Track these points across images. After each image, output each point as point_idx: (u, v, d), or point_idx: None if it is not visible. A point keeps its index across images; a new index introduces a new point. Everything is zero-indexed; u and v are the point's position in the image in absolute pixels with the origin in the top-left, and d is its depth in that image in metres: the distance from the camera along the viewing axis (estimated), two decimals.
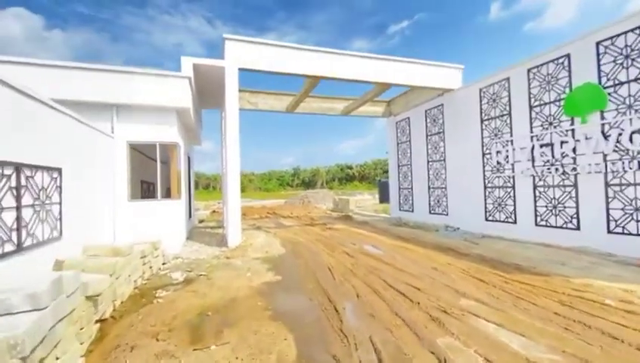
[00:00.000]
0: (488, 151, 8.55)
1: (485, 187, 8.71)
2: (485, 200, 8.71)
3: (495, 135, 8.34)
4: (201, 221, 13.45)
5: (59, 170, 4.04)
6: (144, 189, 9.37)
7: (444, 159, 10.25)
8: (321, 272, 5.32)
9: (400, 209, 12.66)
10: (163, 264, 5.99)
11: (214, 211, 18.17)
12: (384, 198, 20.49)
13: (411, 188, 11.93)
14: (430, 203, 10.97)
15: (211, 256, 6.63)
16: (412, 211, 11.92)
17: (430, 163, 10.87)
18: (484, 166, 8.72)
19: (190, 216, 10.00)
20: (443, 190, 10.32)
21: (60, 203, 4.02)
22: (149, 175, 9.67)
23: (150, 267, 5.37)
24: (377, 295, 4.18)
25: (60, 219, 4.02)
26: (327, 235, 9.04)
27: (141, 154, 7.96)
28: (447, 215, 10.19)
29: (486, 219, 8.68)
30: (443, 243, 7.47)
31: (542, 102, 7.23)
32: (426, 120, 11.05)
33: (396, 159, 12.84)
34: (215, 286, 4.69)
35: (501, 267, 5.40)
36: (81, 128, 4.83)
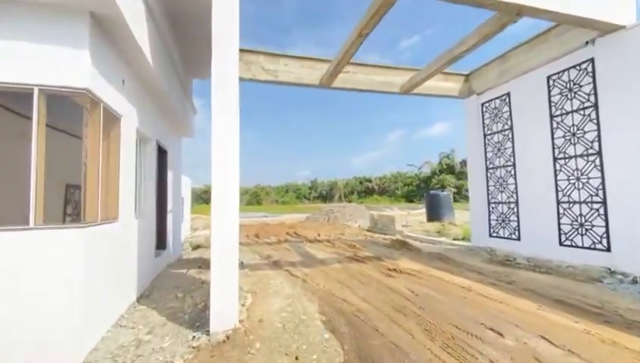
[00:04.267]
0: None
1: None
2: None
3: None
4: (196, 248, 9.50)
5: None
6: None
7: (598, 153, 5.89)
8: None
9: (492, 235, 8.25)
10: None
11: None
12: (435, 214, 16.08)
13: (516, 203, 7.55)
14: (560, 229, 6.55)
15: None
16: (518, 239, 7.50)
17: (561, 161, 6.52)
18: None
19: (164, 248, 6.04)
20: (595, 206, 5.92)
21: None
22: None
23: None
24: None
25: None
26: (406, 292, 4.80)
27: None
28: (608, 250, 5.74)
29: None
30: None
31: None
32: (549, 93, 6.77)
33: (483, 159, 8.52)
34: None
35: None
36: None
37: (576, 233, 6.27)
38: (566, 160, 6.44)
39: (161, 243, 5.89)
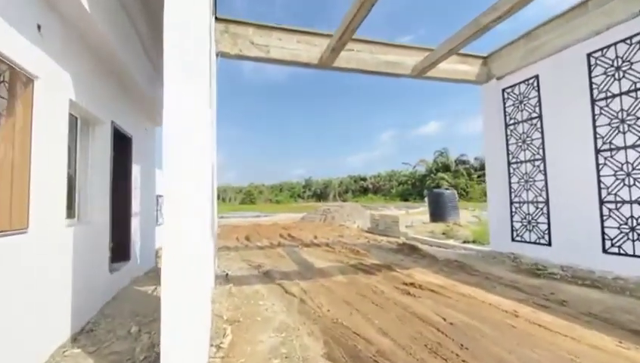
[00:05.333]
0: None
1: None
2: None
3: None
4: None
5: None
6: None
7: None
8: None
9: (515, 239, 7.23)
10: None
11: None
12: (439, 214, 15.12)
13: (546, 202, 6.54)
14: (603, 233, 5.55)
15: None
16: (548, 244, 6.49)
17: (606, 153, 5.51)
18: None
19: (126, 259, 4.85)
20: None
21: None
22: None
23: None
24: None
25: None
26: (436, 320, 3.71)
27: None
28: None
29: None
30: None
31: None
32: (590, 73, 5.75)
33: (505, 153, 7.49)
34: None
35: None
36: None
37: (625, 238, 5.27)
38: (613, 152, 5.43)
39: (122, 253, 4.70)
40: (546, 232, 6.53)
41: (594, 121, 5.69)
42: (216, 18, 5.94)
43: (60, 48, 2.90)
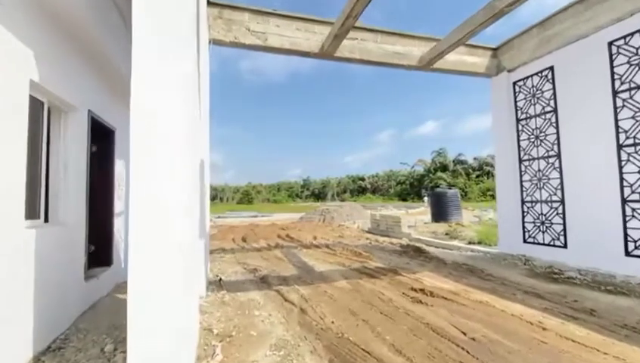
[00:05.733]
0: None
1: None
2: None
3: None
4: None
5: None
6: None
7: None
8: None
9: (527, 241, 6.82)
10: None
11: None
12: (441, 214, 14.74)
13: (561, 202, 6.14)
14: (626, 235, 5.15)
15: None
16: (563, 246, 6.09)
17: (629, 149, 5.11)
18: None
19: (108, 264, 4.39)
20: None
21: None
22: None
23: None
24: None
25: None
26: (454, 333, 3.29)
27: None
28: None
29: None
30: None
31: None
32: (611, 63, 5.35)
33: (516, 149, 7.09)
34: None
35: None
36: None
37: None
38: (638, 147, 5.03)
39: (102, 258, 4.25)
40: (561, 233, 6.13)
41: (616, 114, 5.29)
42: (209, 2, 5.50)
43: (21, 19, 2.46)
